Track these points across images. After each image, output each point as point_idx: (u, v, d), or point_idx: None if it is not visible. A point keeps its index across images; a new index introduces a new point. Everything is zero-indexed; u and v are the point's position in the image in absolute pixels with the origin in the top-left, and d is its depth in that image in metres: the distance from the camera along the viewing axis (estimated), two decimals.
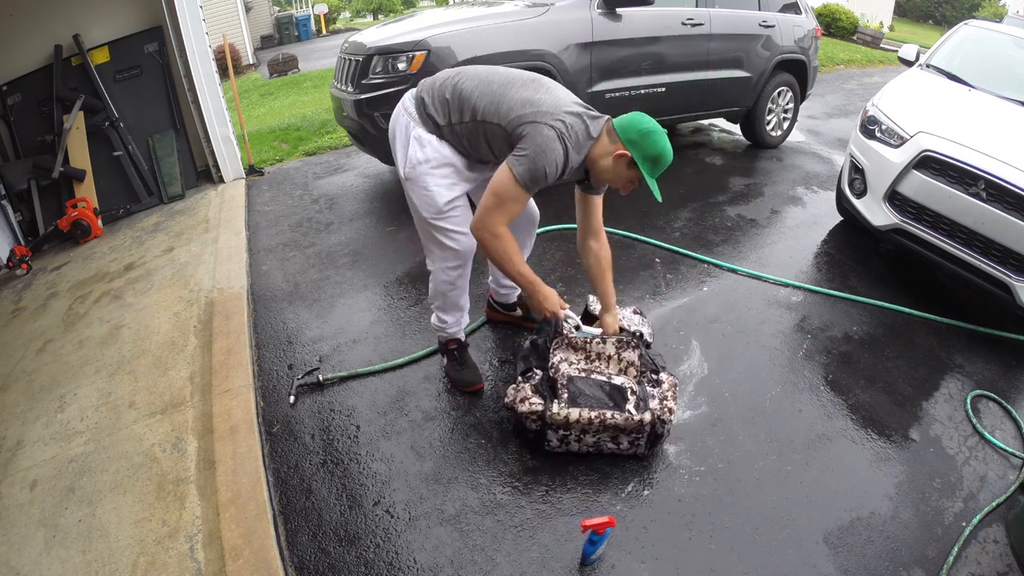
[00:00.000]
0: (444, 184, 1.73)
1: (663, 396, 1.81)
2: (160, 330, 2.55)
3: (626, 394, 1.80)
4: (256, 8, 16.30)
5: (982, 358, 2.42)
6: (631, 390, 1.82)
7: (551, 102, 1.61)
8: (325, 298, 2.73)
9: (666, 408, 1.76)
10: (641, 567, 1.54)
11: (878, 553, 1.60)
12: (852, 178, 3.06)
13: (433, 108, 1.71)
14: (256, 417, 2.01)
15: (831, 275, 2.95)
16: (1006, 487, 1.84)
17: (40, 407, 2.20)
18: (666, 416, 1.75)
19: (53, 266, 3.41)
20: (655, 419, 1.73)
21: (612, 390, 1.81)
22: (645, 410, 1.75)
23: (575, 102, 1.68)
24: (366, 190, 4.02)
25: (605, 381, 1.84)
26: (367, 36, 3.47)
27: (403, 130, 1.75)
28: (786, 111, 4.82)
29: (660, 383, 1.86)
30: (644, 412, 1.74)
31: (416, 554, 1.57)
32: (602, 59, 3.47)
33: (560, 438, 1.78)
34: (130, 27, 4.03)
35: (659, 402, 1.79)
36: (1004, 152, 2.42)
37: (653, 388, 1.85)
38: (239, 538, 1.58)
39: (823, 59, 9.01)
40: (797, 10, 4.66)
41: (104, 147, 3.97)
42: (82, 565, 1.57)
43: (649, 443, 1.80)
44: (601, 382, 1.83)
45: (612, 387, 1.82)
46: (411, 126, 1.73)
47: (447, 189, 1.74)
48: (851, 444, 1.95)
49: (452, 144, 1.72)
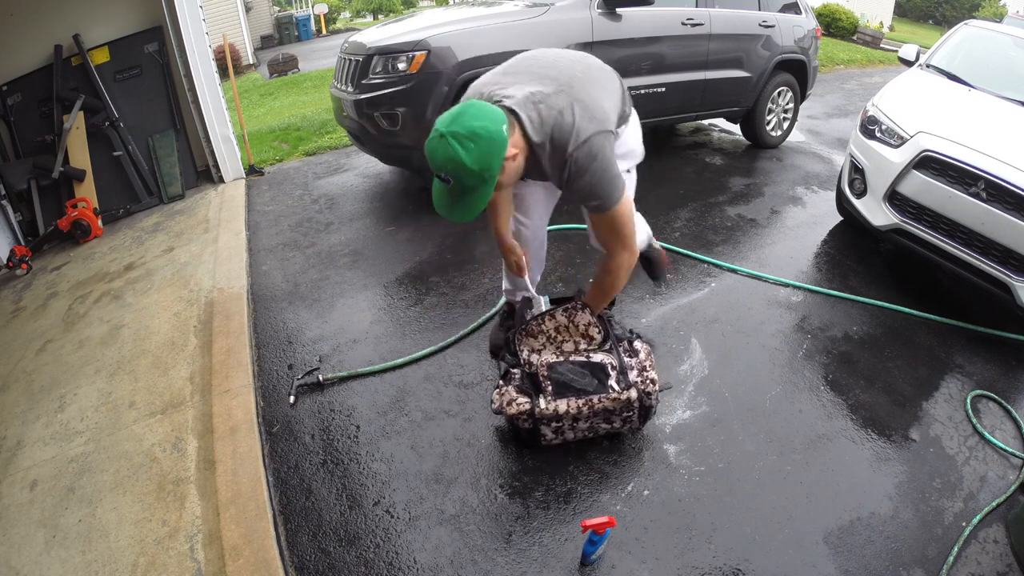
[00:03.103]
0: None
1: (641, 366, 1.78)
2: (160, 330, 2.55)
3: (607, 370, 1.76)
4: (256, 8, 16.30)
5: (982, 358, 2.42)
6: (611, 365, 1.77)
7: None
8: (325, 298, 2.73)
9: (648, 379, 1.75)
10: (641, 567, 1.54)
11: (878, 553, 1.60)
12: (852, 178, 3.06)
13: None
14: (256, 417, 2.01)
15: (831, 275, 2.95)
16: (1006, 487, 1.84)
17: (40, 407, 2.20)
18: (649, 387, 1.74)
19: (53, 266, 3.41)
20: (641, 393, 1.73)
21: (593, 368, 1.76)
22: (629, 386, 1.73)
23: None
24: (366, 190, 4.02)
25: (584, 361, 1.78)
26: (367, 36, 3.47)
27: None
28: (786, 111, 4.82)
29: (636, 352, 1.83)
30: (628, 389, 1.72)
31: (416, 554, 1.57)
32: (602, 59, 3.45)
33: (554, 430, 1.78)
34: (130, 27, 4.04)
35: (638, 373, 1.76)
36: (1004, 152, 2.42)
37: (630, 358, 1.82)
38: (239, 538, 1.58)
39: (823, 59, 9.01)
40: (797, 10, 4.65)
41: (104, 147, 3.97)
42: (82, 565, 1.57)
43: (642, 417, 1.81)
44: (580, 362, 1.78)
45: (592, 365, 1.77)
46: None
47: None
48: (851, 444, 1.95)
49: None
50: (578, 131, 1.34)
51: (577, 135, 1.34)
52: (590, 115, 1.38)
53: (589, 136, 1.35)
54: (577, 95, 1.39)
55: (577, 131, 1.34)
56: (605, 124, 1.41)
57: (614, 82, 1.64)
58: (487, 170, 1.27)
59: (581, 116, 1.36)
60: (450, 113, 1.30)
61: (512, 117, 1.35)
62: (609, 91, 1.56)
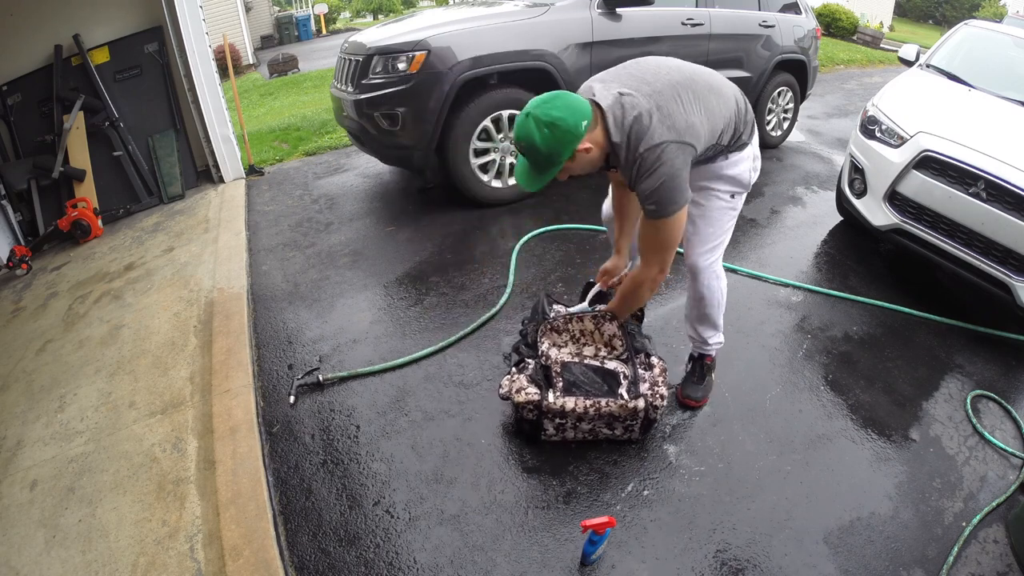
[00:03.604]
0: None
1: (654, 381, 1.81)
2: (160, 330, 2.55)
3: (619, 378, 1.80)
4: (256, 8, 16.30)
5: (982, 358, 2.42)
6: (623, 374, 1.82)
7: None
8: (325, 298, 2.73)
9: (657, 394, 1.77)
10: (641, 567, 1.54)
11: (878, 553, 1.60)
12: (852, 178, 3.06)
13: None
14: (256, 417, 2.01)
15: (831, 275, 2.95)
16: (1006, 487, 1.84)
17: (40, 407, 2.20)
18: (657, 402, 1.76)
19: (53, 266, 3.41)
20: (648, 405, 1.75)
21: (605, 375, 1.81)
22: (637, 396, 1.75)
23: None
24: (366, 190, 4.02)
25: (598, 366, 1.83)
26: (367, 36, 3.47)
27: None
28: (786, 111, 4.82)
29: (652, 367, 1.87)
30: (637, 399, 1.75)
31: (416, 554, 1.57)
32: (602, 59, 3.47)
33: (556, 427, 1.80)
34: (130, 27, 4.03)
35: (650, 387, 1.79)
36: (1004, 152, 2.42)
37: (645, 371, 1.85)
38: (239, 538, 1.58)
39: (823, 59, 9.01)
40: (797, 10, 4.65)
41: (104, 147, 3.97)
42: (82, 565, 1.57)
43: (643, 429, 1.83)
44: (594, 367, 1.83)
45: (605, 372, 1.82)
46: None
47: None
48: (851, 444, 1.95)
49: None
50: (651, 134, 1.42)
51: (650, 138, 1.42)
52: (670, 124, 1.44)
53: (662, 142, 1.42)
54: (662, 103, 1.46)
55: (651, 134, 1.42)
56: (684, 136, 1.46)
57: (725, 105, 1.62)
58: (556, 155, 1.42)
59: (659, 122, 1.43)
60: (542, 97, 1.44)
61: (599, 113, 1.46)
62: (711, 109, 1.56)
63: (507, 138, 3.37)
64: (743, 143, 1.71)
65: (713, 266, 1.83)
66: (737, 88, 1.73)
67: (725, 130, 1.62)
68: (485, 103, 3.20)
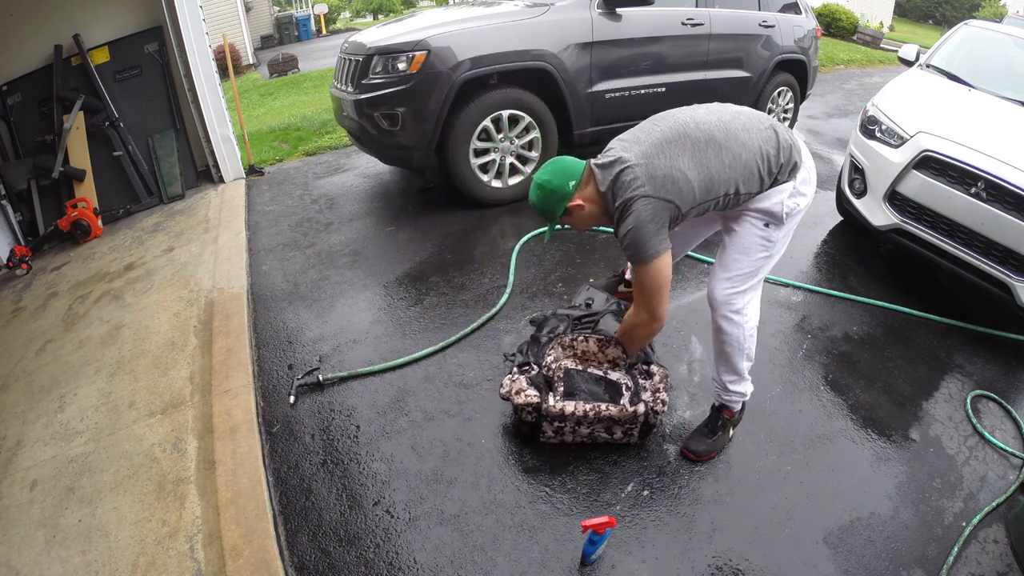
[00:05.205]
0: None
1: (655, 388, 1.83)
2: (160, 330, 2.55)
3: (621, 389, 1.84)
4: (256, 8, 16.30)
5: (982, 358, 2.42)
6: (626, 385, 1.84)
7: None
8: (325, 298, 2.73)
9: (659, 400, 1.78)
10: (641, 567, 1.54)
11: (878, 553, 1.60)
12: (852, 178, 3.06)
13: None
14: (256, 417, 2.01)
15: (831, 275, 2.95)
16: (1006, 487, 1.84)
17: (40, 407, 2.20)
18: (659, 407, 1.77)
19: (53, 266, 3.41)
20: (648, 410, 1.76)
21: (607, 385, 1.84)
22: (638, 403, 1.77)
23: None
24: (366, 190, 4.02)
25: (600, 376, 1.86)
26: (367, 36, 3.47)
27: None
28: (786, 111, 4.82)
29: (652, 375, 1.88)
30: (637, 404, 1.76)
31: (416, 554, 1.57)
32: (602, 59, 3.47)
33: (555, 429, 1.80)
34: (130, 27, 4.04)
35: (651, 394, 1.81)
36: (1004, 152, 2.42)
37: (645, 380, 1.87)
38: (239, 538, 1.58)
39: (823, 59, 9.01)
40: (797, 10, 4.65)
41: (104, 147, 3.97)
42: (82, 565, 1.57)
43: (642, 433, 1.83)
44: (597, 376, 1.85)
45: (607, 382, 1.85)
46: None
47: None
48: (851, 444, 1.95)
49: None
50: (628, 188, 1.53)
51: (626, 191, 1.53)
52: (650, 180, 1.51)
53: (635, 197, 1.51)
54: (651, 160, 1.52)
55: (628, 188, 1.53)
56: (661, 192, 1.51)
57: (733, 159, 1.54)
58: (550, 211, 1.63)
59: (640, 179, 1.51)
60: (546, 162, 1.67)
61: (591, 173, 1.62)
62: (706, 165, 1.53)
63: (507, 138, 3.37)
64: (778, 182, 1.64)
65: (732, 300, 1.68)
66: (771, 135, 1.59)
67: (731, 182, 1.55)
68: (485, 103, 3.20)
